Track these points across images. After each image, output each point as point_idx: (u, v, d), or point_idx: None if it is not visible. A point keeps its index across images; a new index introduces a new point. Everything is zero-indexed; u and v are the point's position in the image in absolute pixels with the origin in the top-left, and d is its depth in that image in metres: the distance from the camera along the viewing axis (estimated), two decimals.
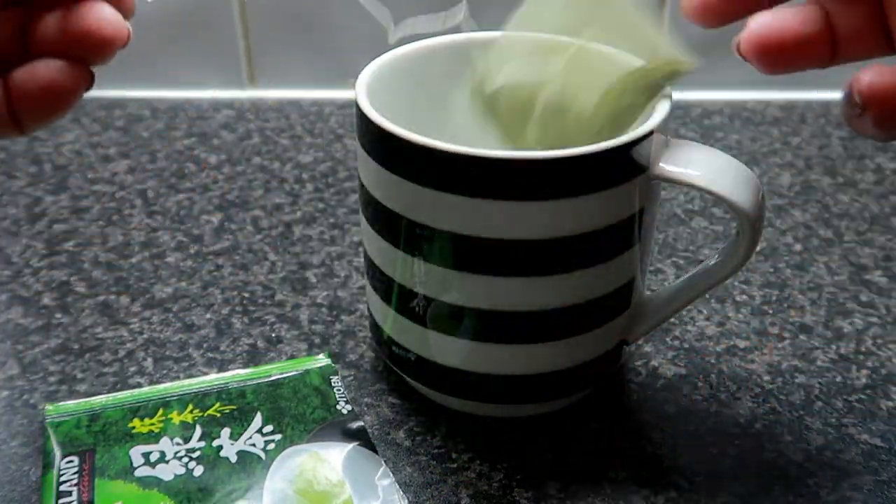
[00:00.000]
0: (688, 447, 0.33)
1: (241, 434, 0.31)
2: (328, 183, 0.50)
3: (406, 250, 0.30)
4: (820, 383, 0.36)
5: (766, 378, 0.36)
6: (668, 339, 0.38)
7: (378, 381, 0.36)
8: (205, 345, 0.38)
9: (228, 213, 0.47)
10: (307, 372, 0.35)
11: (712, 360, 0.37)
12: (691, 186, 0.29)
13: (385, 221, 0.30)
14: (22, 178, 0.50)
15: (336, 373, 0.35)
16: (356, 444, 0.31)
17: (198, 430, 0.32)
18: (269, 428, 0.32)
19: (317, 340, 0.38)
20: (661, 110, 0.29)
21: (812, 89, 0.60)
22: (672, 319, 0.39)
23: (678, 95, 0.62)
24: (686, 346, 0.38)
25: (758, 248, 0.43)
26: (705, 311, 0.40)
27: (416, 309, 0.31)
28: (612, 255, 0.30)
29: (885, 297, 0.41)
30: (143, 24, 0.61)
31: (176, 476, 0.30)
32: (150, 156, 0.52)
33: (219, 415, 0.32)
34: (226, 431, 0.32)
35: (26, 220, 0.46)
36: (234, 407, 0.33)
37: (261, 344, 0.38)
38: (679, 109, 0.58)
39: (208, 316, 0.39)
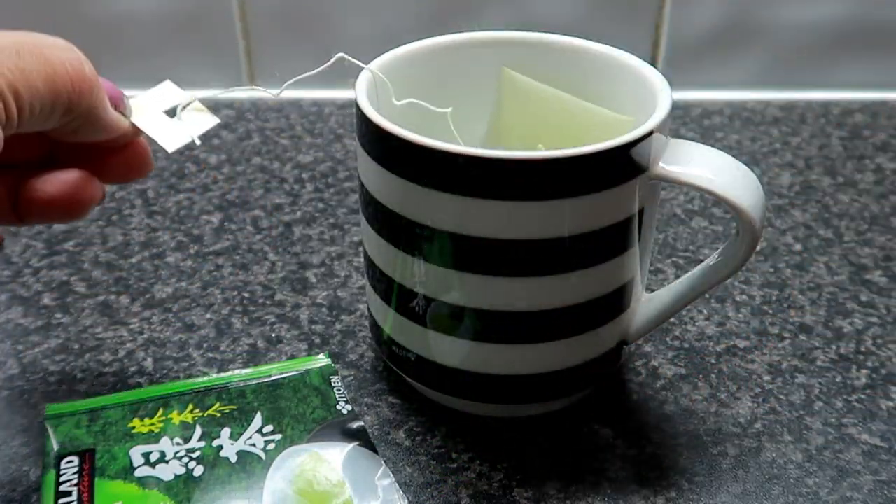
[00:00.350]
0: (688, 447, 0.33)
1: (241, 434, 0.31)
2: (328, 183, 0.50)
3: (406, 250, 0.30)
4: (820, 383, 0.36)
5: (766, 378, 0.36)
6: (668, 339, 0.38)
7: (378, 381, 0.36)
8: (205, 345, 0.38)
9: (228, 213, 0.47)
10: (307, 372, 0.35)
11: (712, 360, 0.37)
12: (691, 186, 0.29)
13: (385, 221, 0.30)
14: None
15: (336, 373, 0.35)
16: (356, 444, 0.31)
17: (198, 430, 0.32)
18: (269, 428, 0.32)
19: (317, 340, 0.38)
20: (661, 110, 0.29)
21: (812, 89, 0.60)
22: (672, 319, 0.39)
23: (678, 95, 0.62)
24: (686, 346, 0.38)
25: (758, 248, 0.43)
26: (705, 311, 0.40)
27: (416, 309, 0.31)
28: (612, 255, 0.30)
29: (885, 297, 0.41)
30: (144, 23, 0.61)
31: (176, 476, 0.30)
32: None
33: (219, 415, 0.32)
34: (226, 431, 0.32)
35: None
36: (234, 407, 0.33)
37: (261, 344, 0.38)
38: (679, 109, 0.58)
39: (208, 316, 0.39)
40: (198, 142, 0.32)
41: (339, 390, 0.34)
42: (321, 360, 0.35)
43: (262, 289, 0.41)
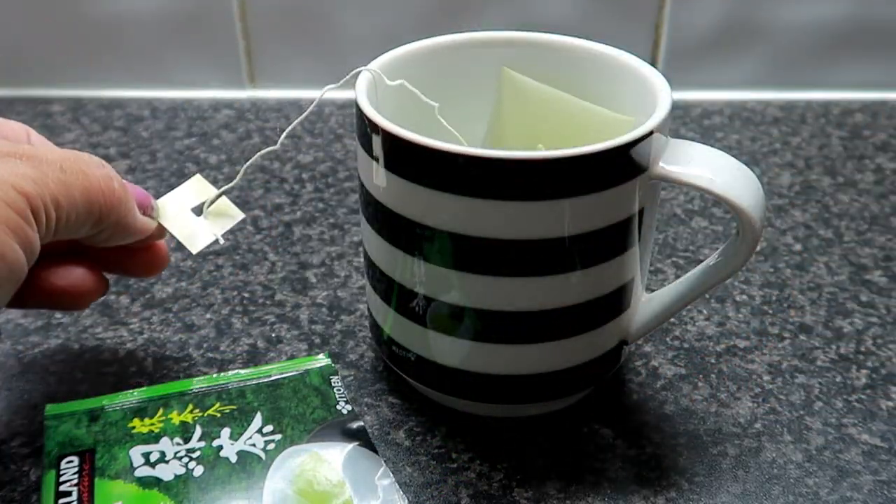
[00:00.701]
0: (688, 447, 0.33)
1: (241, 434, 0.31)
2: (328, 183, 0.50)
3: (406, 250, 0.30)
4: (820, 383, 0.36)
5: (766, 378, 0.36)
6: (668, 339, 0.38)
7: (378, 381, 0.36)
8: (205, 345, 0.38)
9: None
10: (307, 372, 0.35)
11: (712, 360, 0.37)
12: (691, 186, 0.29)
13: (385, 221, 0.30)
14: None
15: (336, 373, 0.35)
16: (356, 444, 0.31)
17: (198, 430, 0.32)
18: (269, 428, 0.32)
19: (317, 340, 0.38)
20: (661, 110, 0.29)
21: (812, 89, 0.60)
22: (672, 319, 0.39)
23: (678, 95, 0.62)
24: (686, 346, 0.38)
25: (758, 248, 0.43)
26: (705, 311, 0.40)
27: (416, 309, 0.31)
28: (611, 255, 0.30)
29: (885, 297, 0.41)
30: (143, 23, 0.61)
31: (176, 476, 0.30)
32: (150, 156, 0.52)
33: (219, 415, 0.32)
34: (226, 431, 0.32)
35: None
36: (234, 407, 0.33)
37: (261, 344, 0.38)
38: (679, 109, 0.58)
39: (208, 316, 0.39)
40: (221, 241, 0.34)
41: (339, 390, 0.34)
42: (321, 359, 0.35)
43: (262, 289, 0.41)
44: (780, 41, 0.58)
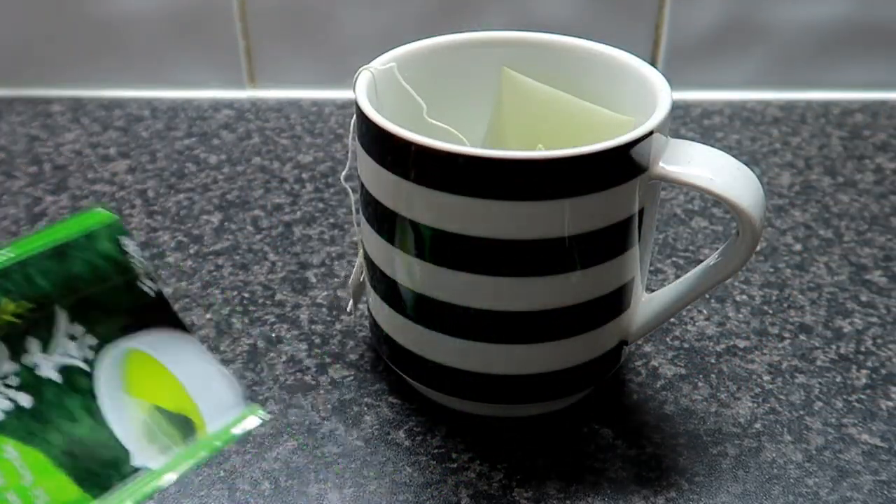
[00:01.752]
0: (688, 447, 0.33)
1: (51, 345, 0.29)
2: (328, 183, 0.50)
3: (405, 250, 0.30)
4: (820, 383, 0.36)
5: (766, 378, 0.36)
6: (668, 339, 0.38)
7: (378, 381, 0.36)
8: (205, 345, 0.38)
9: (228, 213, 0.47)
10: (93, 236, 0.31)
11: (712, 360, 0.37)
12: (691, 186, 0.29)
13: (385, 221, 0.30)
14: (22, 178, 0.50)
15: (125, 232, 0.32)
16: (167, 328, 0.29)
17: (3, 349, 0.28)
18: (77, 329, 0.29)
19: (317, 340, 0.38)
20: (661, 110, 0.29)
21: (812, 89, 0.60)
22: (672, 319, 0.39)
23: (678, 95, 0.62)
24: (686, 346, 0.38)
25: (758, 248, 0.43)
26: (705, 311, 0.40)
27: (416, 309, 0.31)
28: (611, 255, 0.30)
29: (885, 297, 0.41)
30: (144, 23, 0.61)
31: (6, 413, 0.28)
32: (150, 156, 0.52)
33: (18, 321, 0.29)
34: (34, 344, 0.29)
35: (26, 220, 0.46)
36: (30, 306, 0.29)
37: (261, 344, 0.38)
38: (679, 109, 0.58)
39: (208, 316, 0.39)
40: None
41: (133, 257, 0.31)
42: (101, 213, 0.31)
43: (262, 289, 0.41)
44: (780, 41, 0.58)
